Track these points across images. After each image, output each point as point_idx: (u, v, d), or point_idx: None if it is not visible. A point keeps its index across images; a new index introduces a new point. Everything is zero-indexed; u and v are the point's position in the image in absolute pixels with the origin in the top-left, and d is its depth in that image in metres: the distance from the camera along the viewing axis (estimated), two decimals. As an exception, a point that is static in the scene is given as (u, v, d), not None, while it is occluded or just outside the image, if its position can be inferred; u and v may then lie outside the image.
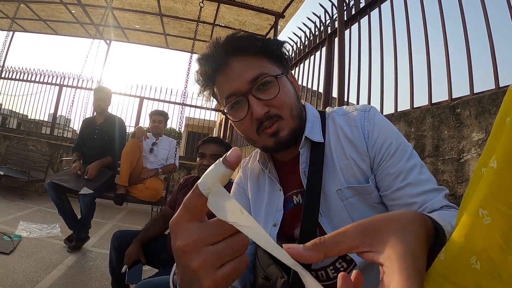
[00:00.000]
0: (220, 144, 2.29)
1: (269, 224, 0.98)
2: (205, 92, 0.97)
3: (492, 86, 1.65)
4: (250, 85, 0.86)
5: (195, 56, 7.99)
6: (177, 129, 5.45)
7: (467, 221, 0.42)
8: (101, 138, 4.01)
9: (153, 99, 8.51)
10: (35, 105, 8.48)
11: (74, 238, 3.63)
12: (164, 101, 8.56)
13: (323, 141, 0.94)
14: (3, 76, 8.44)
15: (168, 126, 5.24)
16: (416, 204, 0.83)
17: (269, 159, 1.04)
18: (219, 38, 0.90)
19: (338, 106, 3.16)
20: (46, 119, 9.62)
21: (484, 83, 1.71)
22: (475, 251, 0.39)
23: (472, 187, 0.44)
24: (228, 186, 2.05)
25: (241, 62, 0.88)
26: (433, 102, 2.00)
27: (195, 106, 8.74)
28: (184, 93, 6.66)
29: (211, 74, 0.91)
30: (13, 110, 8.84)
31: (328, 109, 1.04)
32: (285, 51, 0.95)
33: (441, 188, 0.84)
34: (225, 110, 0.93)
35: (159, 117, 4.34)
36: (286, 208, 0.99)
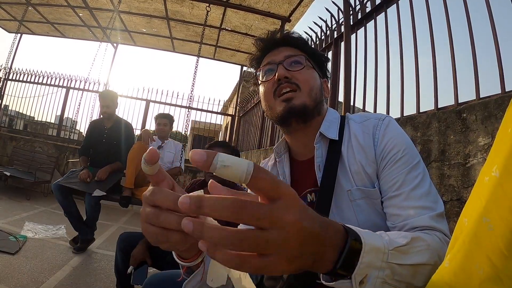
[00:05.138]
0: (226, 148, 2.30)
1: None
2: (253, 62, 1.15)
3: (498, 90, 1.64)
4: (284, 58, 1.03)
5: (201, 60, 7.98)
6: (183, 132, 5.46)
7: (471, 229, 0.42)
8: (110, 142, 4.03)
9: (160, 102, 8.57)
10: (42, 107, 8.55)
11: (80, 240, 3.64)
12: (170, 104, 8.62)
13: (337, 138, 0.98)
14: (10, 77, 8.52)
15: (174, 129, 5.26)
16: (399, 217, 0.83)
17: (285, 151, 1.11)
18: (277, 30, 1.11)
19: (344, 110, 3.17)
20: (52, 121, 9.70)
21: (490, 88, 1.71)
22: (479, 257, 0.40)
23: (475, 195, 0.45)
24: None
25: (287, 49, 1.06)
26: (439, 106, 2.00)
27: (201, 110, 8.79)
28: (191, 96, 6.67)
29: (263, 54, 1.11)
30: (20, 111, 8.91)
31: (347, 115, 1.08)
32: (326, 64, 1.13)
33: (434, 207, 0.82)
34: (257, 72, 1.10)
35: (164, 120, 4.36)
36: None
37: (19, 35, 8.79)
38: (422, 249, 0.66)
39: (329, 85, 1.12)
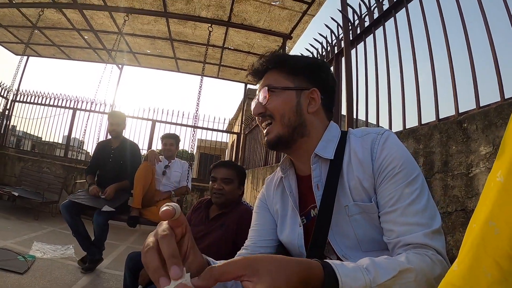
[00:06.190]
0: (231, 168, 2.34)
1: (297, 225, 1.04)
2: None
3: (497, 98, 1.64)
4: (259, 92, 1.06)
5: (205, 79, 8.04)
6: (189, 151, 5.49)
7: (479, 233, 0.44)
8: (116, 162, 4.07)
9: (165, 122, 8.66)
10: (49, 127, 8.67)
11: (88, 260, 3.64)
12: (176, 123, 8.69)
13: (332, 158, 0.98)
14: (18, 99, 8.67)
15: (181, 148, 5.30)
16: (394, 233, 0.83)
17: (290, 167, 1.12)
18: (264, 55, 1.08)
19: (347, 123, 3.18)
20: (60, 141, 9.77)
21: (490, 95, 1.71)
22: (486, 260, 0.41)
23: (482, 201, 0.46)
24: (238, 207, 2.06)
25: (269, 75, 1.07)
26: (440, 117, 2.00)
27: (207, 129, 8.87)
28: (196, 115, 6.72)
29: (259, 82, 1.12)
30: (28, 132, 9.02)
31: (349, 130, 1.08)
32: (319, 71, 1.07)
33: (430, 224, 0.81)
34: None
35: (171, 140, 4.40)
36: (305, 221, 1.04)
37: (25, 57, 8.97)
38: (407, 281, 0.67)
39: (319, 94, 1.05)
